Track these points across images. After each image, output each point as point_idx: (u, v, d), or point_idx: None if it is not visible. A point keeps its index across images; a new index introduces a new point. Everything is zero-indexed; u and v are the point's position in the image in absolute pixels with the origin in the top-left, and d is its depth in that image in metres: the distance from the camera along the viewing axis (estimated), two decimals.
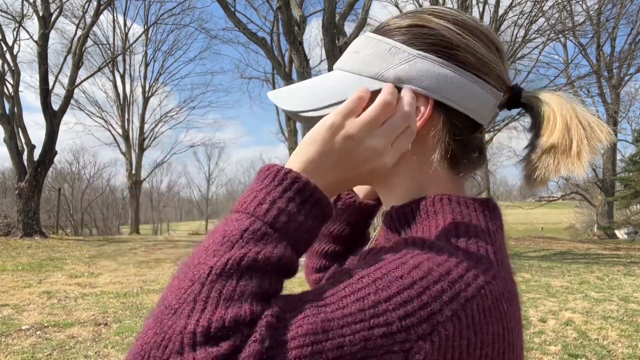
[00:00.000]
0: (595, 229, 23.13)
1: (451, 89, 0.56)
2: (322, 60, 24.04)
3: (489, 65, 0.57)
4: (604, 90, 21.82)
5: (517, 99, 0.61)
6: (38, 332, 4.38)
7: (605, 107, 21.84)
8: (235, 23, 11.95)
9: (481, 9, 17.47)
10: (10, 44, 13.61)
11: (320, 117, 0.53)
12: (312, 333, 0.41)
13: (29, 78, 36.17)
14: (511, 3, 15.88)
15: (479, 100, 0.57)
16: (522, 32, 16.01)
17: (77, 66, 13.83)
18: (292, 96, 0.62)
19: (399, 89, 0.56)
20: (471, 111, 0.57)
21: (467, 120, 0.58)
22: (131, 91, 26.33)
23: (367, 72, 0.58)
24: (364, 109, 0.52)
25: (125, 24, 25.07)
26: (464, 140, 0.59)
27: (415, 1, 18.32)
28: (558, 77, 17.85)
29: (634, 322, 5.08)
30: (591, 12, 17.83)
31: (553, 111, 0.57)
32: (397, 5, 18.56)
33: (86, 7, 15.21)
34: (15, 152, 12.77)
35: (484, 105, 0.58)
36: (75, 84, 14.20)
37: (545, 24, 16.00)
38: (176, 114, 29.61)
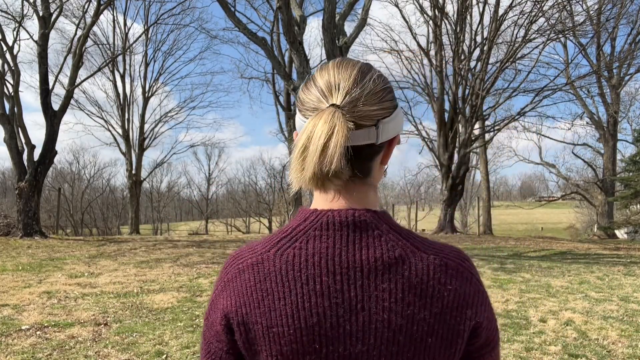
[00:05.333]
0: (596, 229, 23.13)
1: None
2: (322, 60, 24.03)
3: None
4: (604, 90, 21.81)
5: None
6: (38, 332, 4.38)
7: (605, 107, 21.83)
8: (235, 23, 11.94)
9: (481, 9, 17.46)
10: (10, 44, 13.60)
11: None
12: None
13: (29, 78, 36.26)
14: (511, 3, 15.87)
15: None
16: (522, 32, 16.01)
17: (77, 66, 13.82)
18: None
19: None
20: None
21: None
22: (131, 91, 26.32)
23: None
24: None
25: (125, 24, 25.00)
26: None
27: (415, 1, 18.29)
28: (558, 77, 17.84)
29: (634, 322, 5.08)
30: (591, 12, 17.83)
31: None
32: (397, 5, 18.55)
33: (86, 7, 15.20)
34: (16, 152, 12.76)
35: None
36: (75, 84, 14.19)
37: (545, 24, 16.00)
38: (176, 114, 29.57)
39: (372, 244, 0.71)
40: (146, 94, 26.81)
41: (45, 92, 13.11)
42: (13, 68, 13.44)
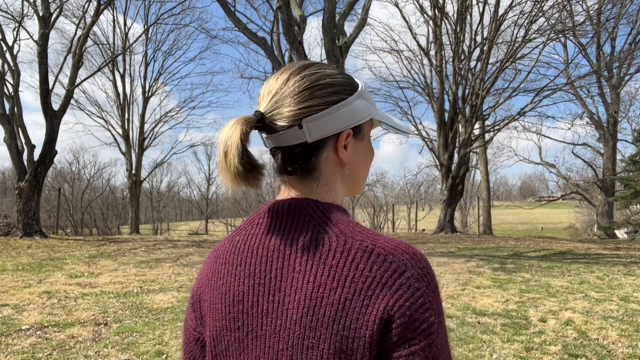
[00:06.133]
0: (595, 229, 23.13)
1: None
2: (321, 60, 24.03)
3: None
4: (604, 90, 21.82)
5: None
6: (38, 332, 4.38)
7: (605, 107, 21.84)
8: (235, 23, 11.95)
9: (481, 9, 17.45)
10: (10, 44, 13.61)
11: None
12: None
13: (29, 78, 36.36)
14: (511, 3, 15.86)
15: None
16: (522, 32, 16.00)
17: (77, 66, 13.82)
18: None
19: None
20: None
21: None
22: (131, 91, 26.33)
23: None
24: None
25: (125, 24, 25.02)
26: None
27: (415, 1, 18.28)
28: (558, 77, 17.84)
29: (634, 322, 5.08)
30: (591, 12, 17.83)
31: None
32: (397, 5, 18.55)
33: (86, 7, 15.21)
34: (15, 152, 12.77)
35: None
36: (75, 83, 14.19)
37: (545, 23, 15.99)
38: (176, 113, 29.60)
39: (299, 229, 0.73)
40: (146, 94, 26.82)
41: (45, 92, 13.11)
42: (13, 68, 13.45)
